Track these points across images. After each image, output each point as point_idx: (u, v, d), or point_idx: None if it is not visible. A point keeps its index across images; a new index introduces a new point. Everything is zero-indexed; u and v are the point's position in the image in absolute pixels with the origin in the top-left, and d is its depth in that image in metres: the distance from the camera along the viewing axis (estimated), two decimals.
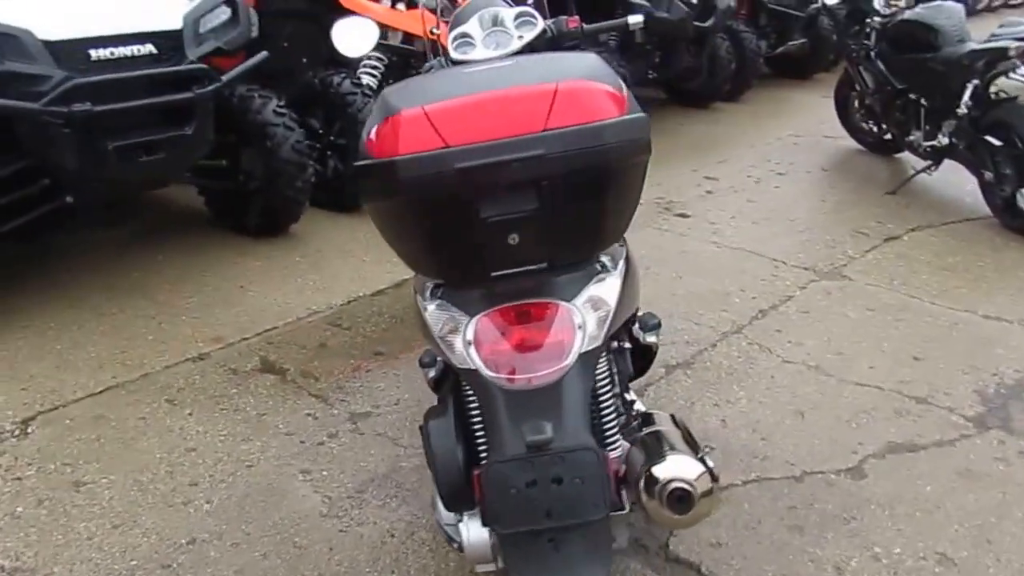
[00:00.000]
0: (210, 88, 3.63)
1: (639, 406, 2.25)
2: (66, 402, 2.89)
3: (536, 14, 2.45)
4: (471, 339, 1.56)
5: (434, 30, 2.56)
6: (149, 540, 2.25)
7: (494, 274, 1.37)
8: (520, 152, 1.24)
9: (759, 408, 2.86)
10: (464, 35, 2.44)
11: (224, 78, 3.72)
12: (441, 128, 1.25)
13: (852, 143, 5.95)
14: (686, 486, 1.53)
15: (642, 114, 1.44)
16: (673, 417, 1.91)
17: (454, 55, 2.42)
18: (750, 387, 2.99)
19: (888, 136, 5.54)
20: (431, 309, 1.64)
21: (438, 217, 1.30)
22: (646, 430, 1.89)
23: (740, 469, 2.51)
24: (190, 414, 2.83)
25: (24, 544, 2.23)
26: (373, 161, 1.33)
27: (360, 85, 4.52)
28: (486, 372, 1.55)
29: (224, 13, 3.85)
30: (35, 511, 2.35)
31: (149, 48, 3.47)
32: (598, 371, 1.70)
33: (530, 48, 2.40)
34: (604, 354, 1.71)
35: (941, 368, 3.08)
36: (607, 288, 1.64)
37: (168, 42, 3.55)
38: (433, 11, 3.16)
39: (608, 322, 1.62)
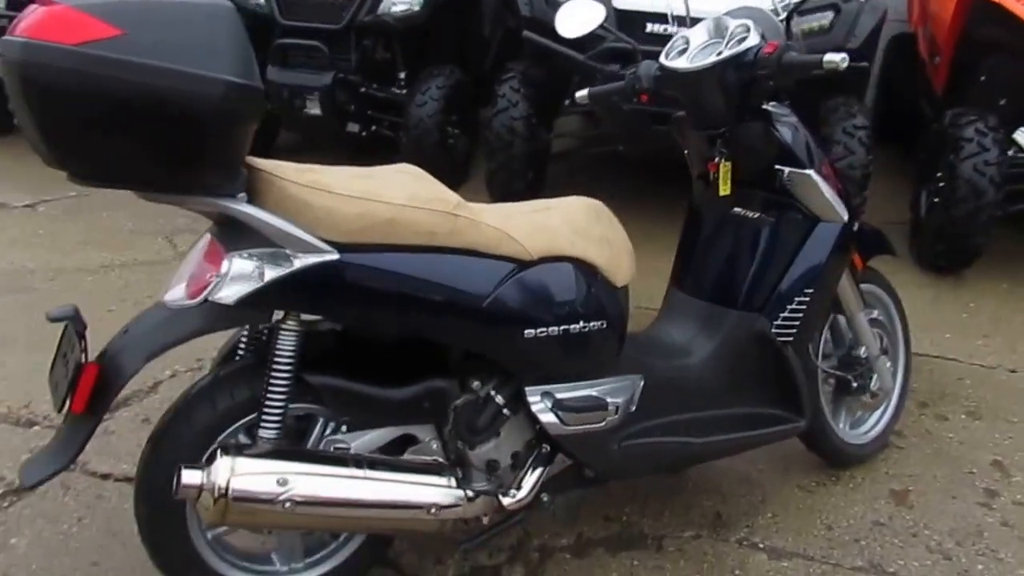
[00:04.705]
0: None
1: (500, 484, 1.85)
2: None
3: (754, 32, 2.06)
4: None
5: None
6: None
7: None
8: None
9: None
10: (684, 39, 2.22)
11: None
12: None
13: None
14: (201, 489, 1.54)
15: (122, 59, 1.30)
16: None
17: (661, 59, 2.22)
18: None
19: None
20: None
21: None
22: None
23: None
24: None
25: None
26: None
27: (986, 134, 3.69)
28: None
29: (824, 17, 3.72)
30: None
31: None
32: (280, 346, 1.64)
33: (727, 64, 2.04)
34: (288, 333, 1.65)
35: None
36: (272, 269, 1.54)
37: None
38: None
39: (251, 292, 1.53)
